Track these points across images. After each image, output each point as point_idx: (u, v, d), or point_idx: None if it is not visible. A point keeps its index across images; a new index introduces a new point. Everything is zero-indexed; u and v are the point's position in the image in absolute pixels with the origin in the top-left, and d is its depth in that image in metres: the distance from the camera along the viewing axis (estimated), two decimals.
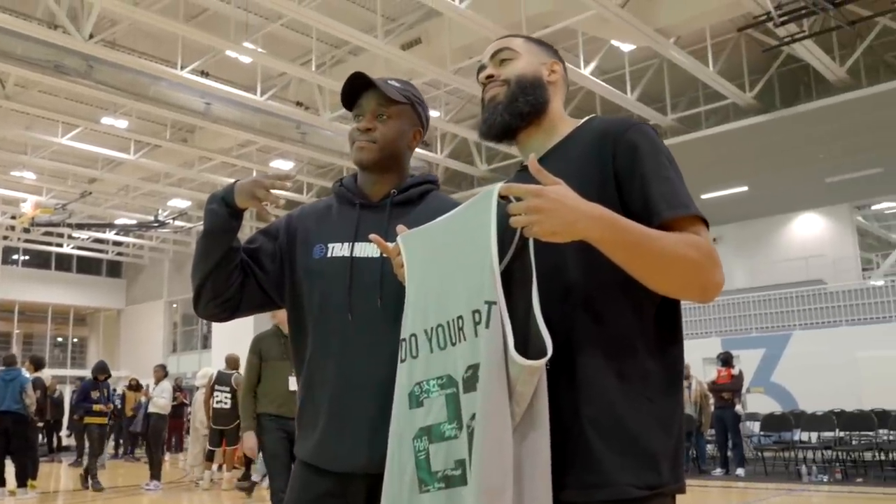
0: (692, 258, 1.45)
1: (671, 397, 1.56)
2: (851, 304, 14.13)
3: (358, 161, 2.03)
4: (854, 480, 10.53)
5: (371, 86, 2.01)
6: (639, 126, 1.63)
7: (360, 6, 14.89)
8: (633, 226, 1.45)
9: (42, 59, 14.74)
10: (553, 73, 1.81)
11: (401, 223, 1.87)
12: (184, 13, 14.69)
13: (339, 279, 1.94)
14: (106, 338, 35.09)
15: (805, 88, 17.10)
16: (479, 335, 1.47)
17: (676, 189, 1.54)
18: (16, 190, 23.94)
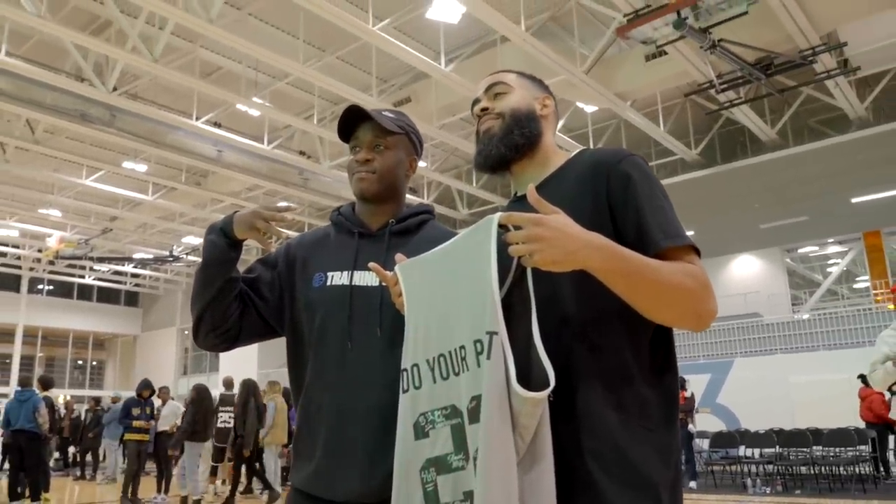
0: (689, 287, 1.33)
1: (669, 426, 1.43)
2: (784, 334, 14.21)
3: (359, 192, 1.86)
4: (793, 492, 10.47)
5: (367, 118, 1.83)
6: (631, 157, 1.51)
7: (357, 68, 14.95)
8: (633, 255, 1.33)
9: (69, 108, 14.65)
10: (545, 107, 1.70)
11: (399, 252, 1.71)
12: (199, 70, 14.79)
13: (339, 308, 1.75)
14: (122, 361, 34.66)
15: (741, 147, 17.36)
16: (482, 366, 1.31)
17: (670, 219, 1.42)
18: (42, 226, 23.79)
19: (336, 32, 12.43)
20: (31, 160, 18.42)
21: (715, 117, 16.34)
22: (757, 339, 14.46)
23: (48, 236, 23.23)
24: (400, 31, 12.83)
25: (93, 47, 12.63)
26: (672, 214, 1.43)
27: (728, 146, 17.51)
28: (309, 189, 19.03)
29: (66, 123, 15.20)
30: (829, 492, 10.24)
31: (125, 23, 12.11)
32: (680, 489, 1.43)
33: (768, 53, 12.32)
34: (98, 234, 23.88)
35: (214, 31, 11.47)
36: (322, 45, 14.20)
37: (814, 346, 13.71)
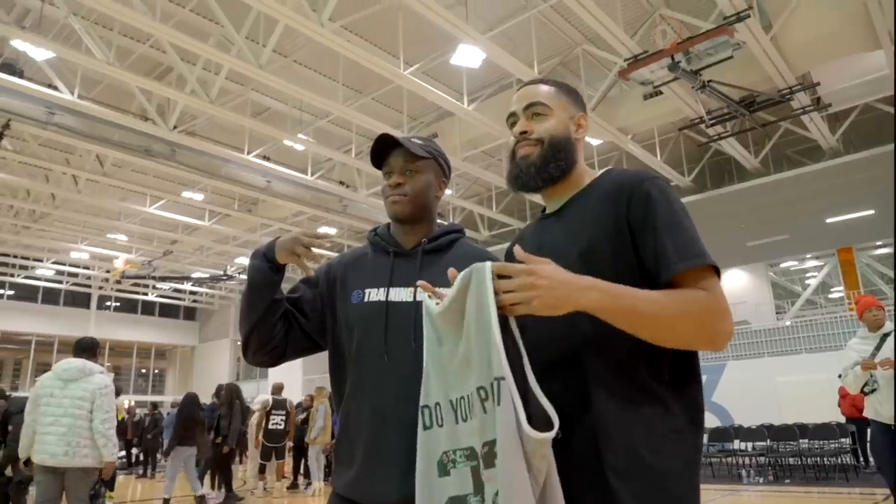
0: (692, 314, 1.24)
1: (692, 437, 1.32)
2: (770, 339, 14.21)
3: (393, 214, 1.79)
4: (783, 481, 10.45)
5: (397, 145, 1.78)
6: (653, 179, 1.41)
7: (390, 108, 15.05)
8: (628, 292, 1.26)
9: (135, 144, 14.70)
10: (580, 127, 1.59)
11: (432, 269, 1.68)
12: (251, 110, 14.85)
13: (376, 323, 1.67)
14: (181, 370, 34.53)
15: (729, 174, 17.42)
16: (493, 411, 1.23)
17: (686, 240, 1.31)
18: (110, 249, 23.77)
19: (371, 76, 12.56)
20: (101, 191, 18.46)
21: (705, 149, 16.46)
22: (746, 343, 14.45)
23: (115, 258, 23.41)
24: (427, 75, 12.98)
25: (156, 90, 12.74)
26: (691, 234, 1.33)
27: (717, 174, 17.62)
28: (348, 214, 19.07)
29: (132, 158, 15.26)
30: (816, 480, 10.22)
31: (185, 69, 12.25)
32: (697, 495, 1.31)
33: (751, 92, 12.46)
34: (160, 255, 23.96)
35: (264, 75, 11.57)
36: (359, 88, 14.36)
37: (797, 349, 13.72)
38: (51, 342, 29.96)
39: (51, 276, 27.80)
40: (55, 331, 29.26)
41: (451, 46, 11.58)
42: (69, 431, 4.64)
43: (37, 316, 28.64)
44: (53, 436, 4.62)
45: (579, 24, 12.23)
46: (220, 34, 12.02)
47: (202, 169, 15.98)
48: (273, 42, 11.14)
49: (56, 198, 18.80)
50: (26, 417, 4.81)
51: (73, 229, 22.01)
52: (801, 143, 16.18)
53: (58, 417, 4.66)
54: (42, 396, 4.77)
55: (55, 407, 4.71)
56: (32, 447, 4.70)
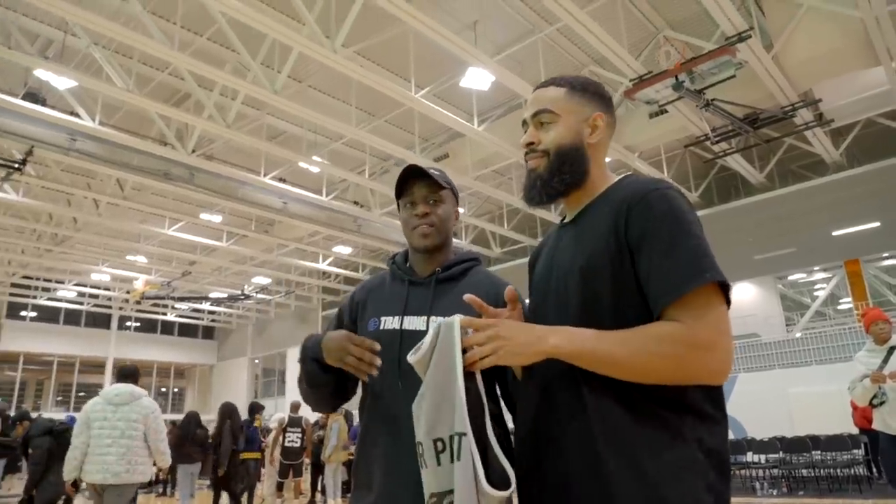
0: (662, 354, 1.15)
1: (704, 473, 1.19)
2: (780, 351, 14.09)
3: (422, 247, 1.79)
4: (797, 493, 10.33)
5: (421, 174, 1.78)
6: (655, 190, 1.29)
7: (402, 129, 15.12)
8: (591, 336, 1.21)
9: (154, 168, 14.87)
10: (595, 129, 1.45)
11: (444, 297, 1.71)
12: (266, 134, 14.99)
13: (391, 349, 1.66)
14: (200, 388, 34.59)
15: (735, 189, 17.38)
16: (448, 465, 1.23)
17: (683, 262, 1.20)
18: (130, 270, 23.94)
19: (383, 99, 12.66)
20: (121, 214, 18.62)
21: (711, 165, 16.44)
22: (756, 356, 14.33)
23: (135, 279, 23.53)
24: (438, 97, 13.08)
25: (174, 116, 12.86)
26: (690, 254, 1.21)
27: (723, 189, 17.59)
28: (362, 234, 19.13)
29: (151, 181, 15.42)
30: (829, 492, 10.09)
31: (202, 95, 12.42)
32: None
33: (754, 110, 12.48)
34: (179, 276, 24.06)
35: (279, 100, 11.69)
36: (371, 111, 14.49)
37: (807, 361, 13.59)
38: (72, 363, 30.12)
39: (72, 297, 27.97)
40: (76, 351, 29.42)
41: (460, 69, 11.68)
42: (128, 451, 5.03)
43: (59, 337, 28.81)
44: (114, 456, 4.97)
45: (585, 47, 12.32)
46: (237, 61, 12.20)
47: (220, 191, 16.12)
48: (287, 68, 11.27)
49: (77, 221, 18.99)
50: (75, 440, 5.06)
51: (94, 252, 22.20)
52: (805, 158, 16.15)
53: (116, 439, 5.01)
54: (94, 420, 5.06)
55: (111, 429, 5.03)
56: (83, 468, 4.98)
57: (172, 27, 10.77)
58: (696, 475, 1.18)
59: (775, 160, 16.11)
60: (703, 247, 1.23)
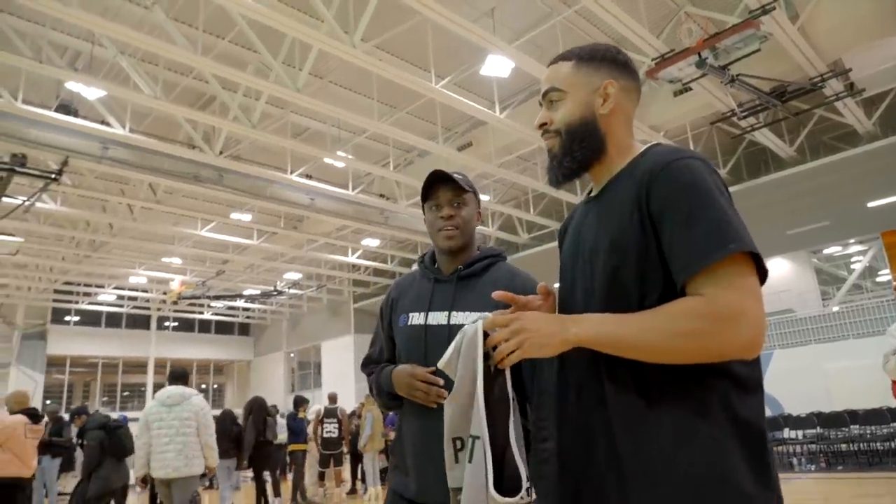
0: (687, 332, 1.11)
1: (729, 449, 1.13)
2: (816, 326, 13.91)
3: (448, 248, 1.93)
4: (836, 468, 10.29)
5: (446, 179, 1.91)
6: (678, 161, 1.23)
7: (424, 120, 15.18)
8: (612, 320, 1.18)
9: (184, 172, 15.14)
10: (607, 98, 1.38)
11: (466, 294, 1.86)
12: (291, 132, 15.12)
13: (417, 343, 1.86)
14: (239, 383, 35.01)
15: (765, 164, 17.08)
16: (465, 464, 1.27)
17: (704, 233, 1.15)
18: (166, 272, 24.39)
19: (404, 92, 12.70)
20: (155, 217, 19.02)
21: (739, 140, 16.19)
22: (792, 332, 14.17)
23: (171, 281, 24.07)
24: (459, 87, 13.07)
25: (201, 119, 13.10)
26: (711, 225, 1.16)
27: (753, 164, 17.30)
28: (389, 225, 19.27)
29: (182, 184, 15.71)
30: (869, 466, 10.03)
31: (227, 97, 12.60)
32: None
33: (781, 82, 12.27)
34: (213, 276, 24.46)
35: (302, 98, 11.84)
36: (393, 103, 14.56)
37: (844, 335, 13.39)
38: (116, 364, 30.93)
39: (112, 301, 28.65)
40: (119, 353, 30.20)
41: (480, 57, 11.70)
42: (184, 447, 5.63)
43: (101, 339, 29.59)
44: (172, 453, 5.59)
45: (605, 27, 12.22)
46: (259, 62, 12.36)
47: (248, 191, 16.38)
48: (308, 66, 11.42)
49: (113, 227, 19.42)
50: (138, 441, 5.73)
51: (130, 256, 22.68)
52: (836, 129, 15.81)
53: (172, 437, 5.62)
54: (152, 422, 5.69)
55: (167, 429, 5.65)
56: (150, 465, 5.62)
57: (195, 32, 10.95)
58: (725, 454, 1.11)
59: (805, 133, 15.82)
60: (728, 216, 1.16)
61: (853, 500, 7.55)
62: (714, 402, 1.14)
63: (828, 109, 14.42)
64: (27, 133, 12.66)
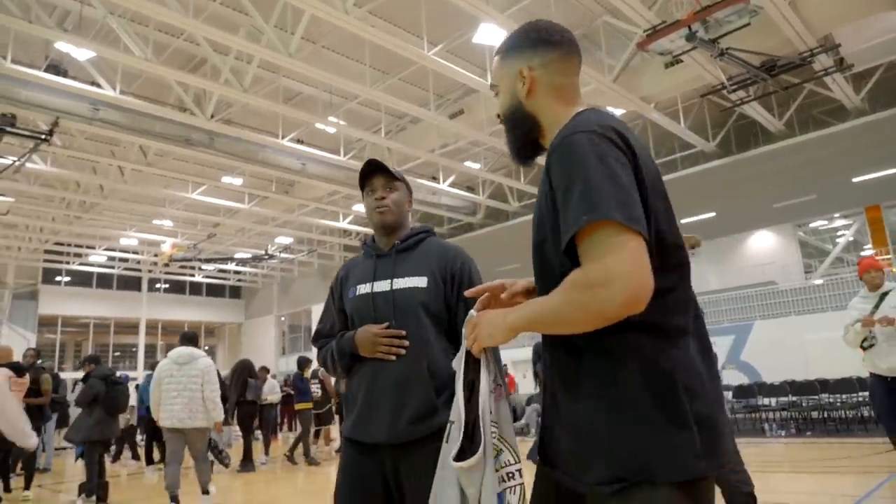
0: (571, 302, 1.16)
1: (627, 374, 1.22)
2: (797, 299, 14.20)
3: (381, 222, 2.24)
4: (805, 434, 10.67)
5: (380, 168, 2.25)
6: (568, 136, 1.26)
7: (417, 87, 15.20)
8: (532, 303, 1.29)
9: (175, 134, 15.20)
10: (523, 81, 1.43)
11: (404, 264, 2.17)
12: (283, 96, 15.18)
13: (367, 308, 2.15)
14: (230, 346, 35.38)
15: (754, 137, 17.26)
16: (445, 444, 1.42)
17: (566, 212, 1.19)
18: (157, 234, 24.53)
19: (397, 58, 12.78)
20: (145, 180, 19.03)
21: (729, 113, 16.35)
22: (773, 303, 14.47)
23: (162, 243, 24.30)
24: (451, 54, 13.05)
25: (192, 82, 13.14)
26: (575, 197, 1.18)
27: (742, 137, 17.46)
28: None
29: (173, 147, 15.80)
30: (836, 432, 10.42)
31: (218, 60, 12.62)
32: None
33: (771, 57, 12.39)
34: (204, 238, 24.62)
35: (293, 63, 11.90)
36: (385, 70, 14.57)
37: (823, 308, 13.71)
38: (107, 324, 31.21)
39: (103, 262, 28.79)
40: (110, 313, 30.46)
41: (473, 25, 11.75)
42: (190, 402, 6.24)
43: (93, 300, 29.80)
44: (178, 405, 6.22)
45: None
46: (250, 25, 12.36)
47: (240, 155, 16.45)
48: (301, 30, 11.44)
49: (104, 188, 19.50)
50: (152, 394, 6.45)
51: (121, 217, 22.80)
52: (825, 104, 15.98)
53: (180, 392, 6.25)
54: (163, 378, 6.35)
55: (175, 384, 6.28)
56: (160, 414, 6.28)
57: None
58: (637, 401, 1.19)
59: (795, 107, 15.99)
60: (592, 187, 1.17)
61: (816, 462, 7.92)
62: (628, 355, 1.21)
63: (817, 84, 14.59)
64: (17, 93, 12.65)
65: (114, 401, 7.07)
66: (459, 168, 18.52)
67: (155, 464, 10.63)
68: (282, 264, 29.94)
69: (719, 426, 1.23)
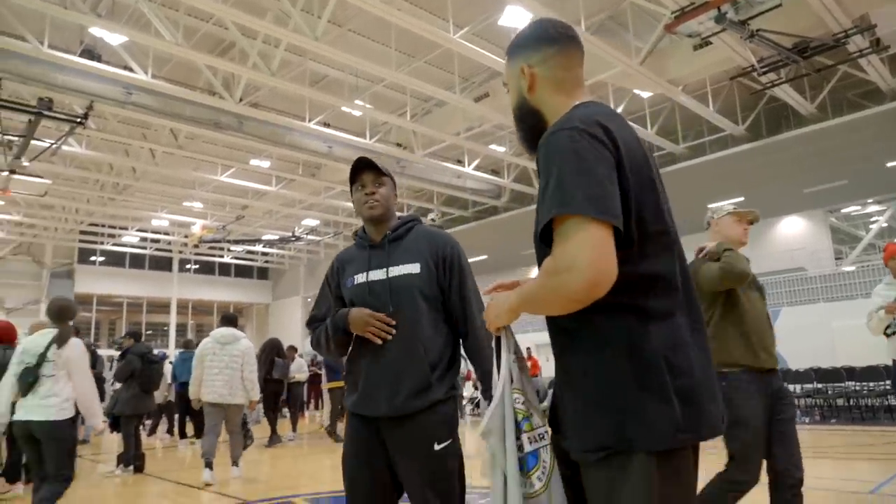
0: (545, 286, 1.29)
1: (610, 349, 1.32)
2: (826, 285, 14.02)
3: (371, 216, 2.38)
4: (829, 421, 10.61)
5: (369, 165, 2.38)
6: (547, 138, 1.35)
7: (442, 70, 15.20)
8: (523, 286, 1.42)
9: (205, 118, 15.44)
10: (525, 77, 1.52)
11: (397, 252, 2.33)
12: (309, 80, 15.32)
13: (364, 296, 2.31)
14: (258, 326, 35.75)
15: (784, 121, 16.95)
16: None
17: (540, 206, 1.31)
18: (187, 216, 24.96)
19: (423, 41, 12.84)
20: (176, 162, 19.44)
21: (759, 96, 16.05)
22: (802, 290, 14.31)
23: (193, 224, 24.67)
24: (477, 37, 13.04)
25: (220, 66, 13.30)
26: (548, 192, 1.29)
27: (772, 120, 17.16)
28: (406, 175, 19.46)
29: (203, 130, 16.06)
30: (862, 420, 10.34)
31: (246, 44, 12.80)
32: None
33: (803, 38, 12.15)
34: (232, 220, 25.05)
35: (320, 46, 12.00)
36: (411, 53, 14.64)
37: (852, 294, 13.54)
38: (140, 303, 31.94)
39: (135, 242, 29.45)
40: (143, 293, 31.15)
41: (499, 7, 11.70)
42: (230, 380, 6.70)
43: (126, 280, 30.53)
44: (220, 382, 6.67)
45: None
46: (278, 9, 12.44)
47: (267, 138, 16.66)
48: (327, 14, 11.53)
49: (136, 171, 19.91)
50: (194, 371, 6.82)
51: (152, 199, 23.27)
52: (860, 87, 15.62)
53: (221, 369, 6.70)
54: (206, 355, 6.79)
55: (218, 362, 6.72)
56: (202, 390, 6.71)
57: None
58: (621, 378, 1.29)
59: (827, 89, 15.65)
60: (568, 181, 1.26)
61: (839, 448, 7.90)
62: (615, 334, 1.31)
63: (851, 66, 14.26)
64: (54, 78, 12.96)
65: (148, 378, 7.34)
66: (484, 151, 18.53)
67: (188, 438, 10.98)
68: (308, 246, 30.24)
69: (703, 403, 1.31)
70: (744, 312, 3.04)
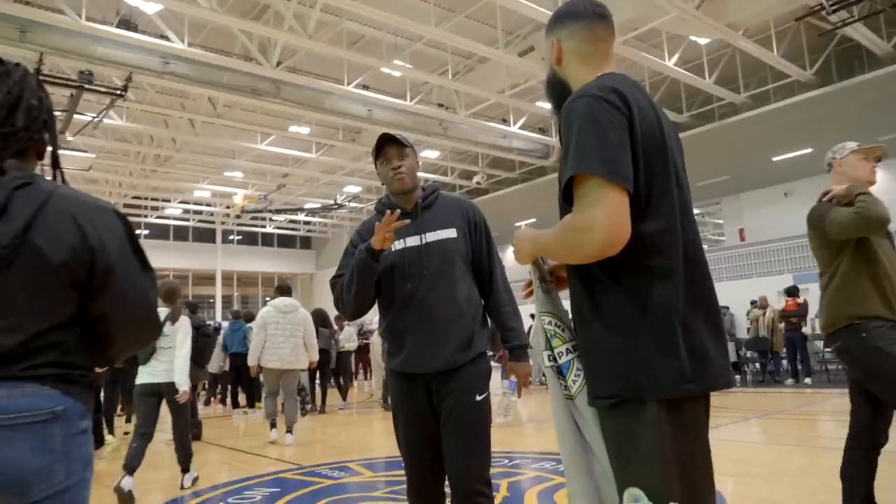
0: (563, 240, 1.46)
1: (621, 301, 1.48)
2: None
3: (401, 188, 2.59)
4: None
5: (392, 140, 2.57)
6: (567, 106, 1.52)
7: (484, 24, 15.06)
8: (543, 233, 1.58)
9: (242, 85, 15.64)
10: (553, 51, 1.71)
11: (428, 219, 2.57)
12: (346, 41, 15.34)
13: (401, 263, 2.51)
14: (303, 296, 35.72)
15: (858, 63, 16.31)
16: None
17: (561, 166, 1.47)
18: (229, 186, 25.55)
19: None
20: (215, 131, 19.77)
21: (829, 37, 15.46)
22: None
23: (234, 195, 25.27)
24: None
25: (256, 31, 13.49)
26: (568, 153, 1.45)
27: (844, 64, 16.53)
28: (448, 136, 19.47)
29: (241, 98, 16.31)
30: None
31: (281, 5, 12.90)
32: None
33: None
34: (274, 189, 25.46)
35: (356, 5, 12.07)
36: (451, 7, 14.54)
37: None
38: (185, 276, 32.87)
39: (178, 214, 30.34)
40: (188, 265, 32.01)
41: None
42: (296, 347, 7.56)
43: (170, 252, 31.34)
44: (286, 349, 7.46)
45: None
46: None
47: (306, 103, 16.85)
48: None
49: (176, 141, 20.44)
50: (255, 337, 7.58)
51: (194, 170, 23.88)
52: None
53: (287, 338, 7.50)
54: (269, 323, 7.53)
55: (282, 330, 7.50)
56: (263, 357, 7.44)
57: None
58: (634, 332, 1.43)
59: None
60: (584, 145, 1.42)
61: None
62: (630, 291, 1.46)
63: None
64: (93, 50, 13.37)
65: (201, 351, 7.72)
66: (531, 109, 18.40)
67: (241, 407, 11.50)
68: (351, 214, 30.55)
69: (710, 355, 1.46)
70: (878, 262, 2.93)
